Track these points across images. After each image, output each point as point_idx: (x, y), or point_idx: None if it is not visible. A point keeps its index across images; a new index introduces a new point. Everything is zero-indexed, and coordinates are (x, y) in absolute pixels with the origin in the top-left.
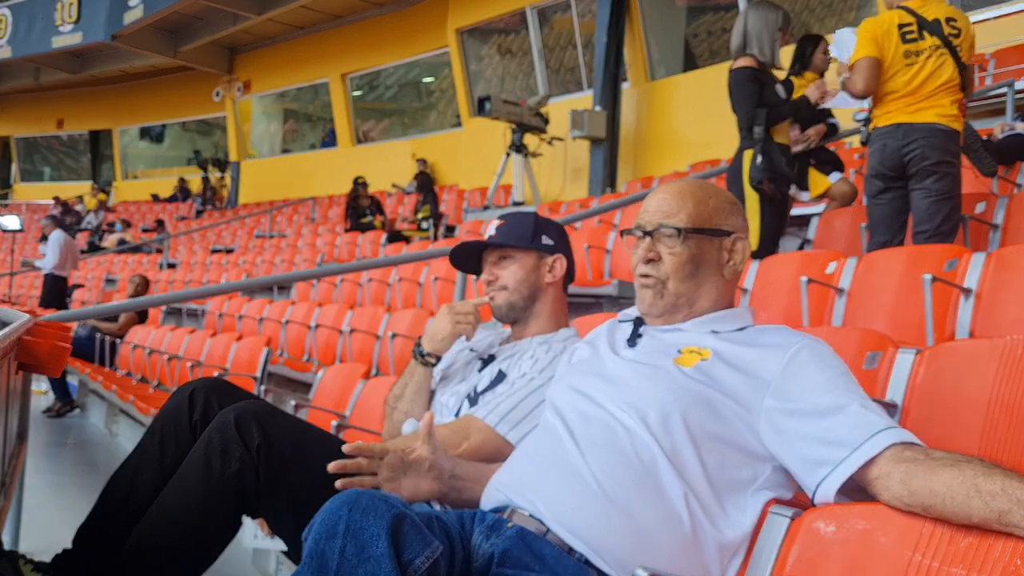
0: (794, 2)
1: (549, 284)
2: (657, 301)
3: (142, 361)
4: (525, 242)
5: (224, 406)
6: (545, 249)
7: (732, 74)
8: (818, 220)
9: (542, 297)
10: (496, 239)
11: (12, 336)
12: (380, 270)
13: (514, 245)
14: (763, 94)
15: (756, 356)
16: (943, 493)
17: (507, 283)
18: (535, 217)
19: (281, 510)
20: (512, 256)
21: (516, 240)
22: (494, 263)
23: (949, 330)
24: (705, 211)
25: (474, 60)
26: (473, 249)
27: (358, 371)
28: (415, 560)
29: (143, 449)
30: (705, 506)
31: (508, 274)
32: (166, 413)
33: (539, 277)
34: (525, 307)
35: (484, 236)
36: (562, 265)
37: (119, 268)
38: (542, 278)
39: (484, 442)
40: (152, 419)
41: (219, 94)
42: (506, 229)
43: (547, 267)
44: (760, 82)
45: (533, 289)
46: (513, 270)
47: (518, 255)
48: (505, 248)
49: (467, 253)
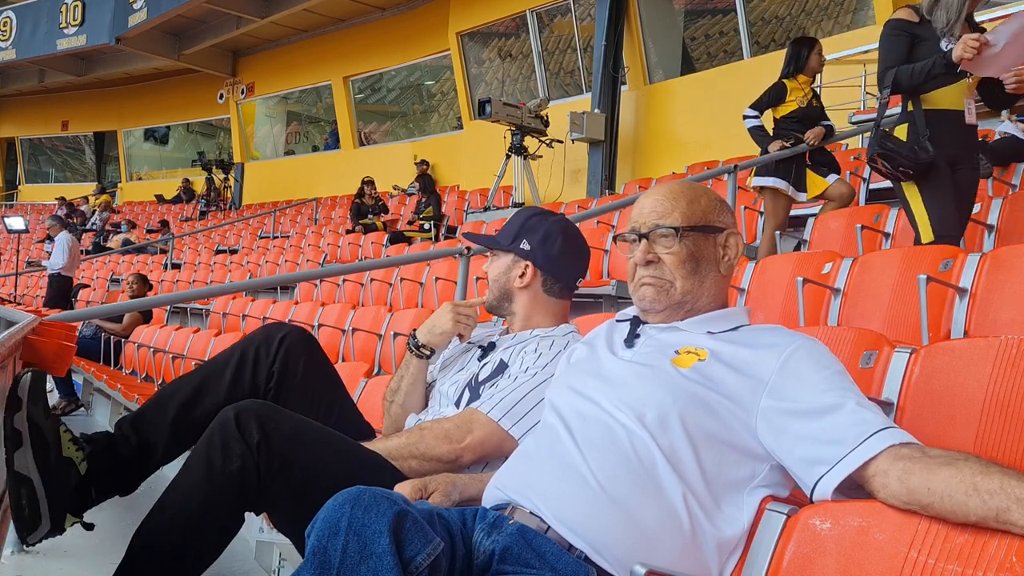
0: (790, 5)
1: (521, 288)
2: (661, 297)
3: (147, 360)
4: (505, 242)
5: (304, 361)
6: (520, 253)
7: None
8: (814, 221)
9: (516, 299)
10: (496, 236)
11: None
12: (382, 270)
13: (488, 245)
14: (915, 51)
15: (753, 356)
16: (941, 491)
17: (488, 278)
18: (526, 217)
19: (284, 507)
20: (494, 253)
21: (500, 238)
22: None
23: (944, 330)
24: (698, 209)
25: (475, 63)
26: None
27: (360, 370)
28: (416, 557)
29: (215, 368)
30: (703, 504)
31: (490, 271)
32: (249, 342)
33: (509, 280)
34: (499, 305)
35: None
36: (531, 273)
37: (124, 268)
38: (511, 281)
39: (487, 436)
40: (234, 344)
41: (223, 96)
42: (505, 226)
43: (518, 271)
44: (913, 36)
45: (503, 290)
46: (493, 267)
47: (498, 253)
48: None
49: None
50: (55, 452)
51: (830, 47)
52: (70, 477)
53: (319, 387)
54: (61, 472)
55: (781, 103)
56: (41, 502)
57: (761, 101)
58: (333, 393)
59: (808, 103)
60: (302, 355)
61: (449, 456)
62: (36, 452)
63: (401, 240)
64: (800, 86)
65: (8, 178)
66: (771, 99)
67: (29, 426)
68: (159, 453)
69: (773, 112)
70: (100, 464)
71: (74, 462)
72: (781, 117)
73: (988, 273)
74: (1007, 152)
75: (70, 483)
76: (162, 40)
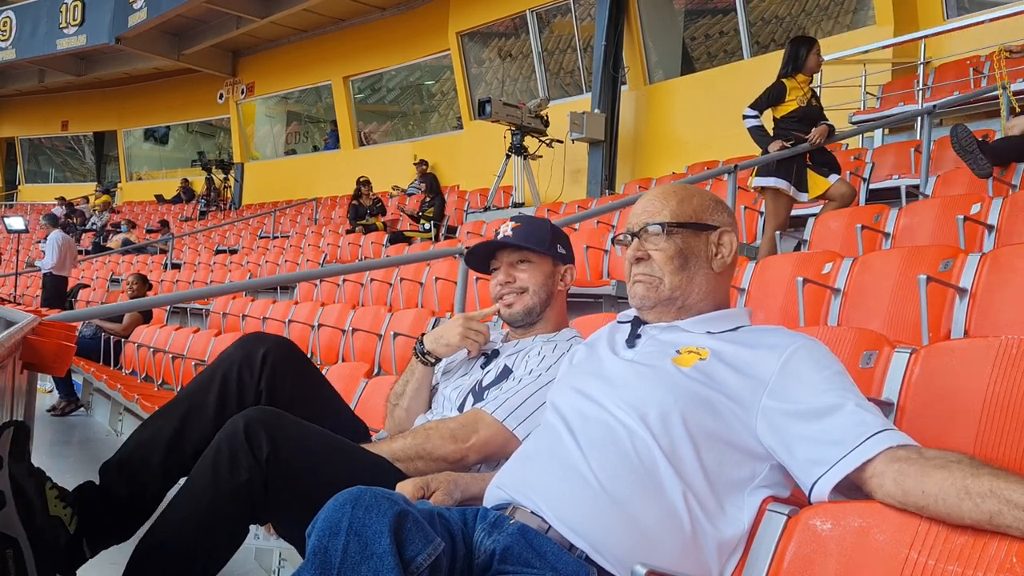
0: (790, 6)
1: (560, 292)
2: (651, 294)
3: (146, 360)
4: (544, 247)
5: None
6: (559, 258)
7: None
8: (814, 221)
9: (554, 303)
10: (517, 241)
11: (17, 335)
12: (382, 270)
13: (535, 249)
14: None
15: (753, 356)
16: (934, 494)
17: (527, 285)
18: (551, 225)
19: (290, 516)
20: (531, 260)
21: (537, 244)
22: (512, 264)
23: (944, 330)
24: (689, 207)
25: (475, 63)
26: (491, 248)
27: (360, 370)
28: (417, 557)
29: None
30: (704, 504)
31: (528, 277)
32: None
33: (554, 284)
34: (540, 312)
35: (498, 235)
36: (573, 275)
37: (124, 268)
38: (555, 285)
39: (492, 436)
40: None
41: (223, 96)
42: (524, 232)
43: (560, 275)
44: None
45: (548, 295)
46: (533, 273)
47: (537, 259)
48: (525, 251)
49: (483, 252)
50: (41, 511)
51: (830, 47)
52: (59, 537)
53: (310, 397)
54: (49, 532)
55: (781, 103)
56: (29, 564)
57: (760, 101)
58: (324, 399)
59: (808, 103)
60: (288, 368)
61: (454, 456)
62: (21, 512)
63: (401, 240)
64: (799, 85)
65: (8, 178)
66: (770, 99)
67: (12, 485)
68: (152, 497)
69: (773, 112)
70: (92, 519)
71: (63, 520)
72: (781, 117)
73: (988, 273)
74: (1008, 152)
75: (59, 543)
76: (162, 40)
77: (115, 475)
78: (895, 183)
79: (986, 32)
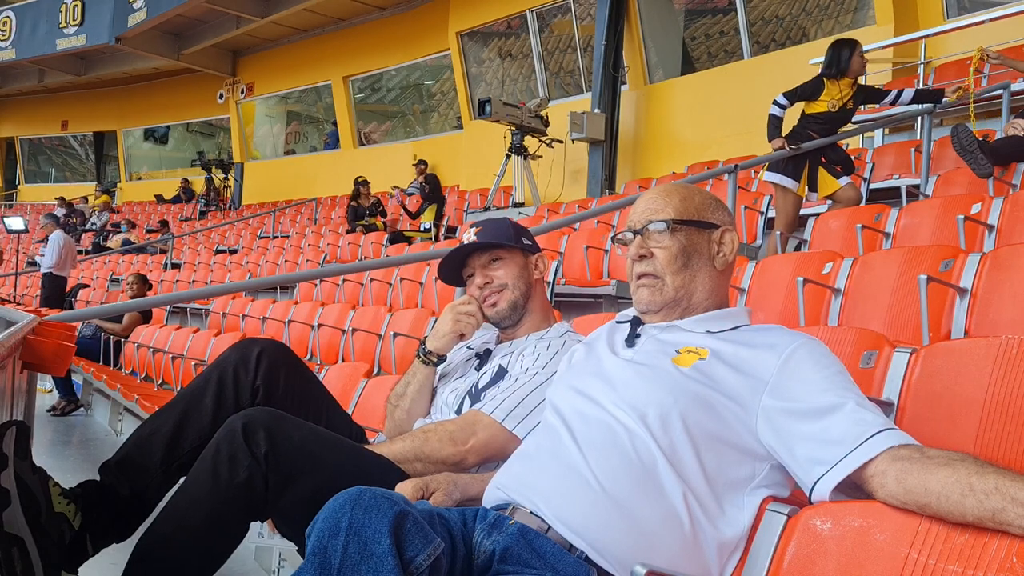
0: (790, 5)
1: (538, 281)
2: (656, 298)
3: (146, 360)
4: (511, 241)
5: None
6: (527, 249)
7: None
8: (815, 221)
9: (534, 294)
10: (484, 239)
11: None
12: (382, 270)
13: (504, 244)
14: None
15: (753, 355)
16: (937, 491)
17: (505, 281)
18: (511, 221)
19: (290, 515)
20: (502, 256)
21: (504, 240)
22: (485, 266)
23: (945, 330)
24: (691, 205)
25: (475, 63)
26: (461, 255)
27: (360, 370)
28: (417, 557)
29: (194, 396)
30: (704, 504)
31: (503, 273)
32: (225, 365)
33: (530, 274)
34: (524, 304)
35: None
36: (545, 263)
37: (124, 268)
38: (532, 275)
39: (491, 437)
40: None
41: (222, 96)
42: (488, 233)
43: (533, 264)
44: None
45: (528, 286)
46: (508, 268)
47: (507, 255)
48: (495, 249)
49: (452, 265)
50: (46, 508)
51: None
52: (63, 533)
53: (304, 396)
54: (54, 529)
55: (814, 100)
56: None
57: (795, 92)
58: (319, 400)
59: (841, 107)
60: (282, 367)
61: (454, 458)
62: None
63: (401, 240)
64: (839, 88)
65: (8, 178)
66: (804, 93)
67: (17, 483)
68: (152, 495)
69: (804, 106)
70: (94, 516)
71: (67, 517)
72: (808, 114)
73: (988, 273)
74: (1008, 152)
75: (64, 539)
76: (162, 40)
77: (115, 474)
78: (895, 183)
79: (986, 32)
